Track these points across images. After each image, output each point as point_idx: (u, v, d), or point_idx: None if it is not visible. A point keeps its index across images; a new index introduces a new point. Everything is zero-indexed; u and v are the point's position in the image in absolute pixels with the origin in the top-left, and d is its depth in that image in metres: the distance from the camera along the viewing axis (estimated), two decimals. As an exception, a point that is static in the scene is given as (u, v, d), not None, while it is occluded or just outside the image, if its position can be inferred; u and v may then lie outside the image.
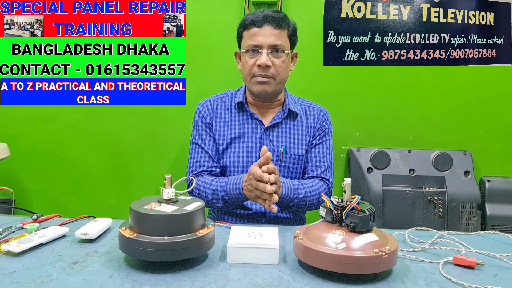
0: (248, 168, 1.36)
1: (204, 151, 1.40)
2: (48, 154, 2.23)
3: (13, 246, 0.90)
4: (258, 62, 1.32)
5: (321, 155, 1.44)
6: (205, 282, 0.80)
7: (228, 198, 1.27)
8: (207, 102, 1.46)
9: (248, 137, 1.39)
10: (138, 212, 0.85)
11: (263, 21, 1.32)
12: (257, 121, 1.41)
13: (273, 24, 1.32)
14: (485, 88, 2.15)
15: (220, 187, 1.29)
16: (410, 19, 1.83)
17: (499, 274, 0.87)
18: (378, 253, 0.80)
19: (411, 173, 2.08)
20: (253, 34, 1.33)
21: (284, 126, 1.42)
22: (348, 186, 0.88)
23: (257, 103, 1.43)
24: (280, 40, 1.33)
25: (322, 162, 1.43)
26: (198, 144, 1.42)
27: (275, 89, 1.37)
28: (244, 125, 1.41)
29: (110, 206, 2.23)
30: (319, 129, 1.46)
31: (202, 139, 1.42)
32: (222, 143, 1.40)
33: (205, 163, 1.39)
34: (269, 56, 1.32)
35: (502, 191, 2.07)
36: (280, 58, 1.34)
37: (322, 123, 1.47)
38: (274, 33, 1.32)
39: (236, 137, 1.39)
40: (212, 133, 1.41)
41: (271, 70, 1.33)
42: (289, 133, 1.42)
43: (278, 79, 1.36)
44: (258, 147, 1.39)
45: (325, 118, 1.48)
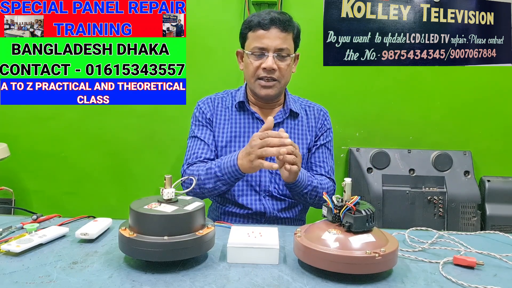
0: None
1: (203, 143, 1.38)
2: (48, 154, 2.23)
3: (13, 246, 0.89)
4: (263, 65, 1.32)
5: (324, 156, 1.44)
6: (205, 282, 0.80)
7: (221, 174, 1.23)
8: (208, 99, 1.45)
9: (249, 136, 1.39)
10: (138, 212, 0.85)
11: (270, 24, 1.31)
12: (258, 120, 1.41)
13: (279, 27, 1.31)
14: (485, 88, 2.15)
15: (214, 164, 1.27)
16: (410, 19, 1.83)
17: (499, 274, 0.87)
18: (370, 254, 0.80)
19: (411, 173, 2.08)
20: (259, 36, 1.32)
21: (284, 126, 1.41)
22: (348, 186, 0.88)
23: (259, 102, 1.43)
24: (286, 43, 1.33)
25: (325, 163, 1.43)
26: (197, 137, 1.40)
27: (278, 92, 1.37)
28: (245, 124, 1.41)
29: (110, 206, 2.23)
30: (321, 129, 1.46)
31: (202, 133, 1.40)
32: (222, 140, 1.39)
33: (203, 154, 1.36)
34: (274, 59, 1.32)
35: (502, 191, 2.07)
36: (285, 61, 1.34)
37: (323, 123, 1.47)
38: (280, 37, 1.32)
39: (236, 136, 1.39)
40: (212, 129, 1.41)
41: (276, 73, 1.33)
42: (289, 132, 1.41)
43: (282, 82, 1.36)
44: None
45: (325, 118, 1.48)
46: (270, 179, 1.37)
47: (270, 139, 1.11)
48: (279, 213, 1.39)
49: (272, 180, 1.37)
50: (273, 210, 1.37)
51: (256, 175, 1.37)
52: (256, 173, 1.37)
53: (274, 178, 1.37)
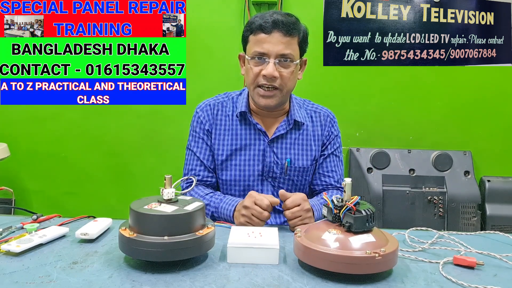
0: (249, 182, 1.31)
1: (199, 161, 1.32)
2: (48, 154, 2.23)
3: (13, 246, 0.89)
4: (263, 72, 1.20)
5: (333, 164, 1.36)
6: (205, 282, 0.80)
7: (217, 216, 1.23)
8: (207, 106, 1.34)
9: (251, 149, 1.30)
10: (138, 212, 0.85)
11: (272, 27, 1.19)
12: (260, 132, 1.31)
13: (282, 30, 1.19)
14: (485, 88, 2.15)
15: (213, 203, 1.24)
16: (410, 19, 1.83)
17: (499, 274, 0.87)
18: (370, 254, 0.80)
19: (411, 173, 2.08)
20: (260, 40, 1.20)
21: (288, 137, 1.32)
22: (348, 186, 0.88)
23: (261, 111, 1.32)
24: (289, 48, 1.20)
25: (334, 172, 1.36)
26: (193, 152, 1.33)
27: (280, 102, 1.26)
28: (247, 135, 1.31)
29: (110, 206, 2.23)
30: (328, 137, 1.36)
31: (198, 147, 1.33)
32: (222, 153, 1.30)
33: (200, 173, 1.32)
34: (276, 66, 1.20)
35: (502, 191, 2.07)
36: (288, 68, 1.22)
37: (330, 129, 1.37)
38: (283, 41, 1.19)
39: (238, 149, 1.30)
40: (210, 142, 1.33)
41: (278, 81, 1.21)
42: (293, 144, 1.32)
43: (284, 91, 1.24)
44: (261, 160, 1.30)
45: (332, 124, 1.38)
46: (271, 193, 1.31)
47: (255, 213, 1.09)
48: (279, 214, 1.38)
49: (274, 194, 1.30)
50: (275, 223, 1.34)
51: (258, 189, 1.31)
52: (258, 187, 1.32)
53: (277, 191, 1.27)
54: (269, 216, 1.10)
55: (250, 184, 1.32)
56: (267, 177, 1.30)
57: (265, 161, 1.31)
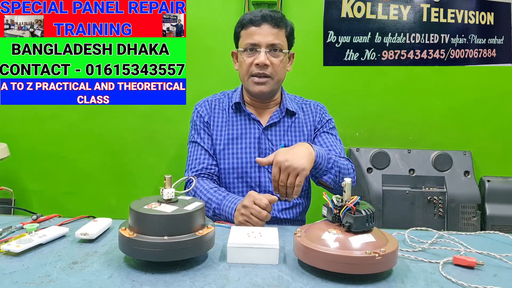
0: (247, 169, 1.38)
1: (203, 149, 1.41)
2: (48, 154, 2.23)
3: (13, 246, 0.90)
4: (256, 61, 1.33)
5: (330, 141, 1.40)
6: (205, 282, 0.80)
7: (218, 212, 1.26)
8: (205, 102, 1.47)
9: (246, 138, 1.40)
10: (138, 212, 0.85)
11: (261, 20, 1.33)
12: (254, 121, 1.41)
13: (271, 23, 1.33)
14: (485, 88, 2.15)
15: (216, 198, 1.27)
16: (410, 19, 1.83)
17: (499, 274, 0.87)
18: (370, 254, 0.80)
19: (411, 173, 2.08)
20: (251, 33, 1.34)
21: (282, 124, 1.42)
22: (348, 186, 0.88)
23: (254, 103, 1.43)
24: (278, 39, 1.34)
25: (334, 146, 1.39)
26: (197, 142, 1.42)
27: (272, 89, 1.38)
28: (242, 125, 1.41)
29: (110, 206, 2.23)
30: (320, 122, 1.46)
31: (201, 138, 1.42)
32: (220, 143, 1.40)
33: (205, 161, 1.39)
34: (267, 55, 1.33)
35: (502, 191, 2.07)
36: (278, 57, 1.35)
37: (322, 116, 1.47)
38: (272, 32, 1.33)
39: (234, 138, 1.40)
40: (210, 133, 1.42)
41: (269, 69, 1.34)
42: (287, 131, 1.42)
43: (276, 79, 1.36)
44: (257, 147, 1.39)
45: (323, 111, 1.48)
46: (269, 179, 1.37)
47: (253, 212, 1.11)
48: (279, 213, 1.39)
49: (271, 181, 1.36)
50: (273, 210, 1.36)
51: (256, 176, 1.37)
52: (256, 174, 1.37)
53: None
54: (268, 216, 1.12)
55: (248, 171, 1.38)
56: None
57: (261, 148, 1.39)
